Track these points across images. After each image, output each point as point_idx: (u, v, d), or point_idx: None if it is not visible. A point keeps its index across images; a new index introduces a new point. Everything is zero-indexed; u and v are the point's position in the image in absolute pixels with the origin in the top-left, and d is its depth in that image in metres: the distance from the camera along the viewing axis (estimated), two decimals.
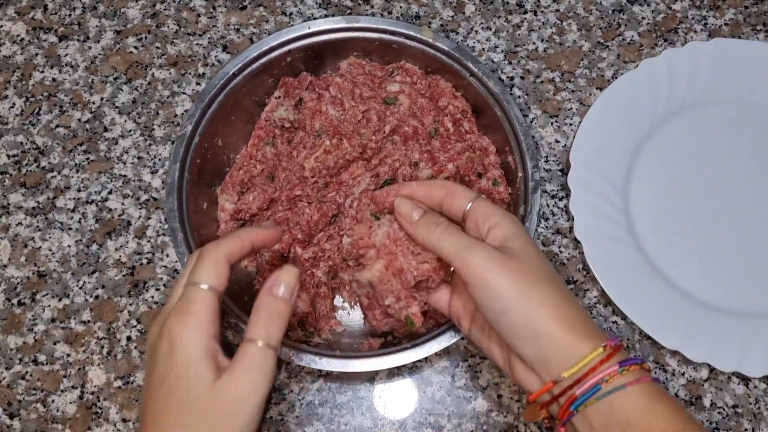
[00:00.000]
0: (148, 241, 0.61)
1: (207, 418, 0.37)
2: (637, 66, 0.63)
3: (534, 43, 0.67)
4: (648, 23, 0.67)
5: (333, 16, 0.67)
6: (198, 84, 0.66)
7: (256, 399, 0.38)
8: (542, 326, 0.39)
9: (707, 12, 0.68)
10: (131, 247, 0.61)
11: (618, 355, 0.39)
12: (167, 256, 0.61)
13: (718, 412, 0.56)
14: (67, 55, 0.68)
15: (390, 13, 0.68)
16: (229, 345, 0.57)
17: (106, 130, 0.65)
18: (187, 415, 0.37)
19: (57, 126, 0.65)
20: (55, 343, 0.59)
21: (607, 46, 0.67)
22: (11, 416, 0.57)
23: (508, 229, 0.42)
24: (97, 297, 0.60)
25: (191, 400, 0.37)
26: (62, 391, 0.58)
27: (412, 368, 0.58)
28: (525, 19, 0.68)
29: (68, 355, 0.58)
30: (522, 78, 0.66)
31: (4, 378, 0.58)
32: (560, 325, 0.39)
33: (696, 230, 0.60)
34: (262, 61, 0.58)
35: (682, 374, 0.57)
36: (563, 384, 0.39)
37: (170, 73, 0.67)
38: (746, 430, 0.56)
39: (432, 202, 0.46)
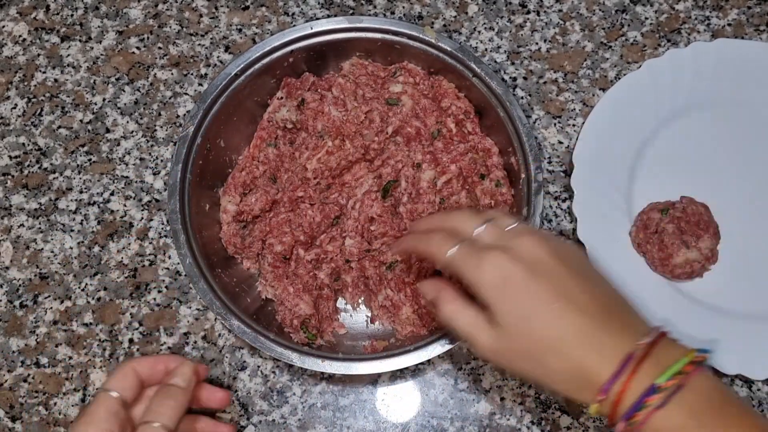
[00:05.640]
0: (150, 243, 0.61)
1: None
2: (640, 66, 0.62)
3: (537, 43, 0.66)
4: (651, 23, 0.67)
5: (335, 16, 0.67)
6: (200, 85, 0.66)
7: None
8: (557, 374, 0.40)
9: (710, 12, 0.67)
10: (133, 248, 0.61)
11: (654, 354, 0.38)
12: (169, 257, 0.61)
13: None
14: (69, 55, 0.67)
15: (393, 13, 0.68)
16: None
17: (108, 131, 0.65)
18: None
19: (59, 127, 0.65)
20: (57, 346, 0.59)
21: (610, 47, 0.66)
22: (13, 419, 0.57)
23: (481, 293, 0.41)
24: (99, 299, 0.60)
25: None
26: (64, 393, 0.57)
27: (415, 371, 0.58)
28: (528, 19, 0.67)
29: (70, 358, 0.58)
30: (525, 78, 0.65)
31: (6, 380, 0.58)
32: (577, 355, 0.39)
33: None
34: (265, 61, 0.58)
35: None
36: (604, 409, 0.38)
37: (172, 74, 0.66)
38: None
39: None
